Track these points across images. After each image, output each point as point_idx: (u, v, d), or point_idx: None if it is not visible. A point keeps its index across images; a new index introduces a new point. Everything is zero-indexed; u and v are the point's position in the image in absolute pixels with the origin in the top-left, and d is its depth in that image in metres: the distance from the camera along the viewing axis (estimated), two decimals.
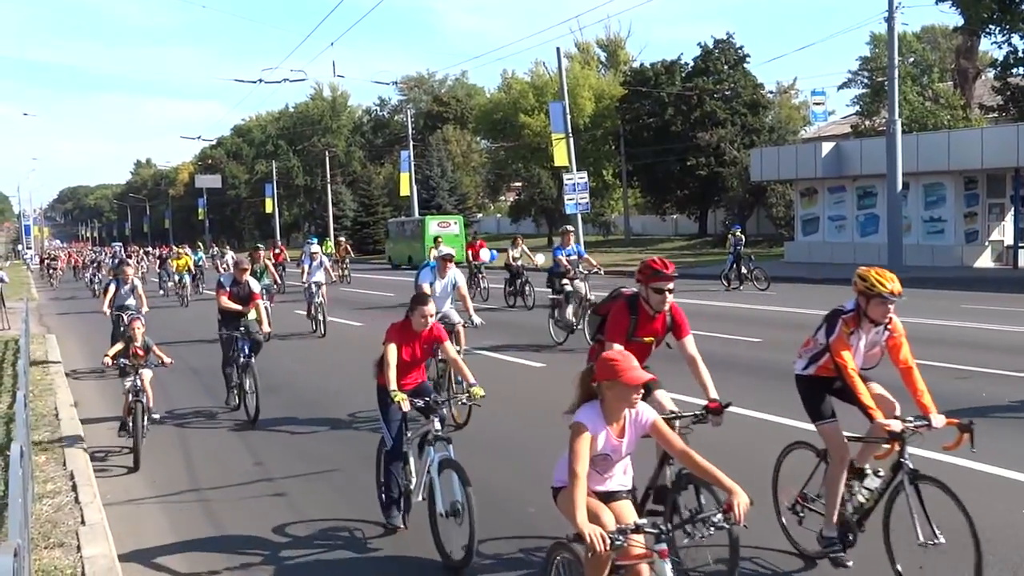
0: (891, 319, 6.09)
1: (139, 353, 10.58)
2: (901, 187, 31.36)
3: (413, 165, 59.65)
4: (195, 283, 36.82)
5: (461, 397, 7.70)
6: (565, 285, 17.64)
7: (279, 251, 41.07)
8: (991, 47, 41.90)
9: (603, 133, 64.89)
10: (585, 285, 17.73)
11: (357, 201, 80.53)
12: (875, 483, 6.13)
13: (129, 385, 10.29)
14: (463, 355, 10.90)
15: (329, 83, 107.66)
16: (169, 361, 10.73)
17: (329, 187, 78.96)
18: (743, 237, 31.35)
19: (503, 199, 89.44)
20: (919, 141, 34.06)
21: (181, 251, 39.17)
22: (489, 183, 79.98)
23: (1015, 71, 37.94)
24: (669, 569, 4.22)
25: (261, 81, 45.49)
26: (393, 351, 7.20)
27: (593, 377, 4.68)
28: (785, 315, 19.98)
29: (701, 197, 59.10)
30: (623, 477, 4.91)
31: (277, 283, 25.25)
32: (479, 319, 12.11)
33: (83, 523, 7.39)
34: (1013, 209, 33.54)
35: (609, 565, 4.43)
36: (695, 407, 6.39)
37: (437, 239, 28.79)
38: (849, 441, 6.22)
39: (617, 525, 4.39)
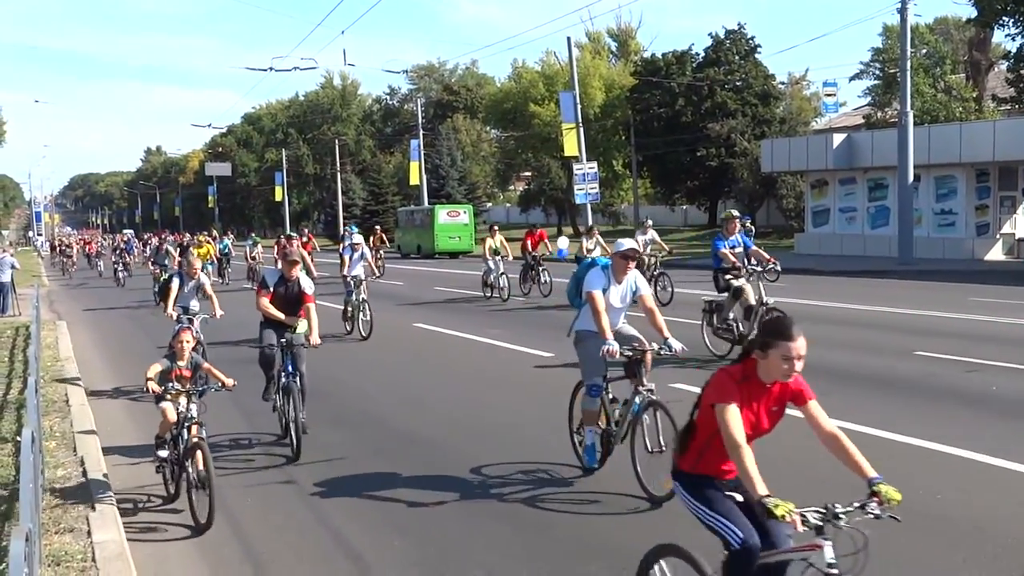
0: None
1: (184, 375, 8.20)
2: (912, 179, 31.25)
3: (423, 154, 59.62)
4: (221, 275, 34.94)
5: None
6: (731, 282, 14.21)
7: (307, 240, 36.22)
8: (1004, 39, 41.74)
9: (613, 123, 64.73)
10: (759, 286, 14.18)
11: (367, 190, 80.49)
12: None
13: (174, 413, 7.92)
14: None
15: (339, 71, 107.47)
16: (231, 383, 8.18)
17: (339, 176, 78.92)
18: (753, 228, 31.35)
19: (512, 188, 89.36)
20: (931, 133, 33.93)
21: (202, 238, 35.87)
22: (499, 172, 79.90)
23: None
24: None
25: (272, 69, 45.47)
26: (736, 419, 4.46)
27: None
28: (794, 307, 19.91)
29: (711, 188, 58.95)
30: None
31: (312, 278, 23.52)
32: (679, 344, 8.05)
33: (93, 509, 7.43)
34: None
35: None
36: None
37: (592, 229, 23.66)
38: None
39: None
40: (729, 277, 14.31)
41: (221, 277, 34.30)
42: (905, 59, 30.98)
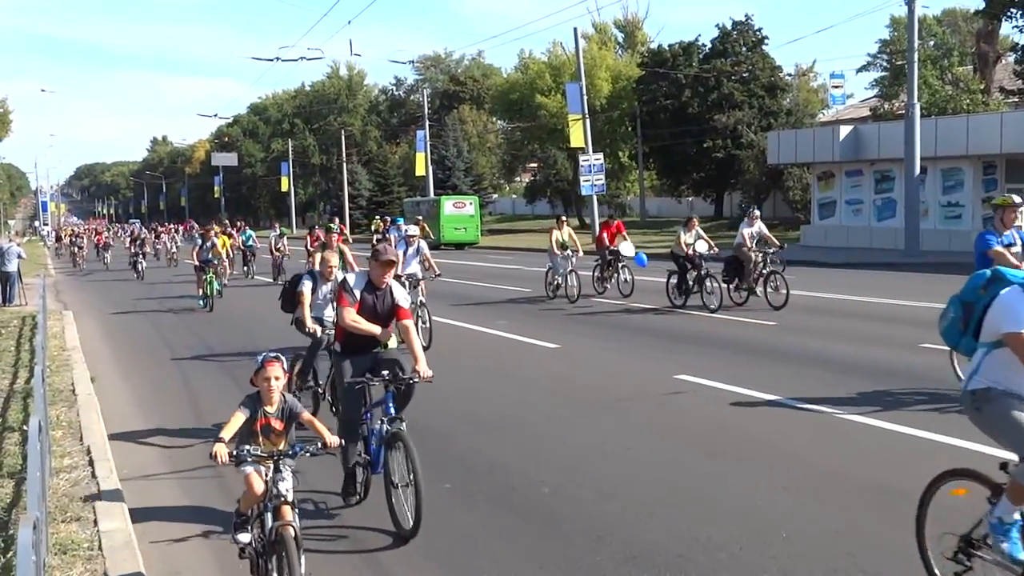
0: None
1: (273, 426, 5.81)
2: (919, 171, 31.16)
3: (429, 145, 59.61)
4: (246, 269, 32.91)
5: None
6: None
7: (338, 232, 36.18)
8: (1012, 31, 41.56)
9: (619, 114, 64.61)
10: None
11: (373, 181, 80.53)
12: None
13: (261, 483, 5.70)
14: None
15: (346, 62, 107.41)
16: (335, 442, 6.00)
17: (345, 166, 78.93)
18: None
19: (519, 180, 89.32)
20: (938, 125, 33.81)
21: (219, 229, 32.12)
22: (505, 164, 79.89)
23: None
24: None
25: (278, 59, 45.44)
26: None
27: None
28: (800, 299, 19.91)
29: (717, 180, 58.85)
30: None
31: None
32: None
33: (100, 498, 7.46)
34: None
35: None
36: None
37: (692, 220, 19.94)
38: None
39: None
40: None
41: (246, 272, 32.73)
42: (912, 51, 30.87)
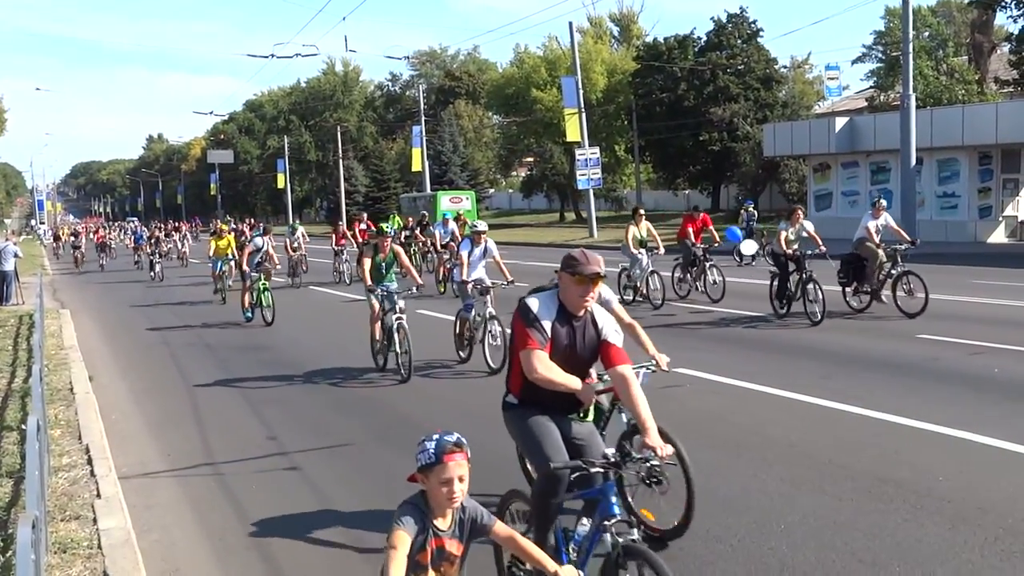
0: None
1: (451, 551, 4.00)
2: (915, 162, 31.19)
3: (425, 140, 59.62)
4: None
5: None
6: None
7: (365, 228, 30.41)
8: (1006, 21, 41.60)
9: (615, 108, 64.58)
10: None
11: (369, 176, 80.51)
12: None
13: None
14: None
15: (341, 58, 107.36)
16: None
17: (341, 162, 78.88)
18: (756, 212, 31.36)
19: (515, 174, 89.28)
20: (933, 116, 33.86)
21: (224, 227, 27.74)
22: (501, 158, 79.83)
23: None
24: None
25: (273, 56, 45.46)
26: None
27: None
28: None
29: (714, 172, 58.85)
30: None
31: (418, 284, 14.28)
32: None
33: (99, 496, 7.46)
34: None
35: None
36: None
37: (796, 212, 16.64)
38: None
39: None
40: None
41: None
42: (907, 42, 30.86)
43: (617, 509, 4.63)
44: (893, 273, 15.63)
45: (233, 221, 52.14)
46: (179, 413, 11.02)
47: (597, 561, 4.63)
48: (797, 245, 16.03)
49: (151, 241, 36.38)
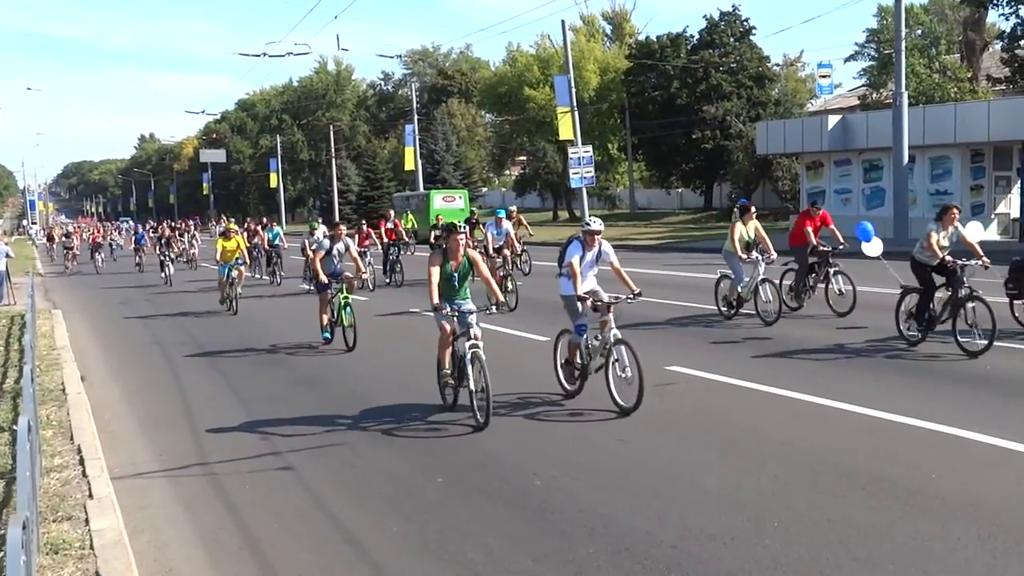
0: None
1: None
2: (907, 160, 31.23)
3: (418, 139, 59.49)
4: (272, 272, 27.92)
5: None
6: None
7: (392, 227, 27.27)
8: (998, 19, 41.71)
9: (608, 106, 64.61)
10: None
11: (362, 175, 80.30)
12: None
13: None
14: None
15: (333, 57, 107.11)
16: None
17: (334, 161, 78.76)
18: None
19: (508, 173, 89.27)
20: (926, 114, 33.89)
21: (232, 227, 25.13)
22: (494, 157, 79.81)
23: (1022, 43, 37.68)
24: None
25: (265, 55, 45.18)
26: None
27: None
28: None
29: (707, 170, 58.91)
30: None
31: (500, 301, 15.47)
32: None
33: (91, 497, 7.44)
34: (1020, 182, 33.35)
35: None
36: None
37: (951, 210, 12.69)
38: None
39: None
40: None
41: (272, 277, 27.92)
42: (900, 40, 30.90)
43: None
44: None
45: (227, 220, 51.45)
46: (172, 413, 10.98)
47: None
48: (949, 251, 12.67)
49: (161, 241, 33.19)
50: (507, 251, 20.60)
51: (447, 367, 10.15)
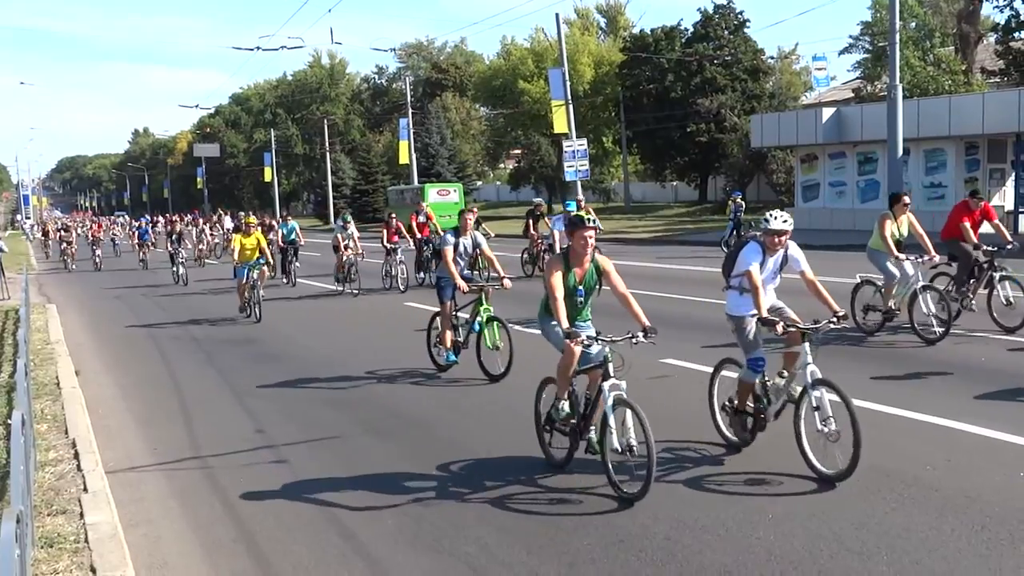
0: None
1: None
2: (902, 153, 31.22)
3: (412, 133, 59.44)
4: (287, 270, 25.63)
5: None
6: None
7: (424, 220, 25.68)
8: (993, 11, 41.72)
9: (603, 100, 64.58)
10: None
11: (356, 169, 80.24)
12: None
13: None
14: None
15: (327, 50, 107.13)
16: None
17: (328, 155, 78.66)
18: (743, 203, 31.34)
19: (502, 167, 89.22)
20: (920, 106, 33.90)
21: (251, 221, 20.18)
22: (488, 151, 79.74)
23: (1017, 35, 37.72)
24: None
25: (259, 49, 45.16)
26: None
27: None
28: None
29: (701, 164, 58.90)
30: None
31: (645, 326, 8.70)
32: None
33: (85, 490, 7.43)
34: (1014, 174, 33.41)
35: None
36: None
37: None
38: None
39: None
40: None
41: (286, 277, 25.58)
42: (894, 32, 30.88)
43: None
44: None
45: (223, 215, 50.25)
46: (166, 407, 10.97)
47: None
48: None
49: (171, 237, 30.25)
50: None
51: (564, 407, 7.59)
